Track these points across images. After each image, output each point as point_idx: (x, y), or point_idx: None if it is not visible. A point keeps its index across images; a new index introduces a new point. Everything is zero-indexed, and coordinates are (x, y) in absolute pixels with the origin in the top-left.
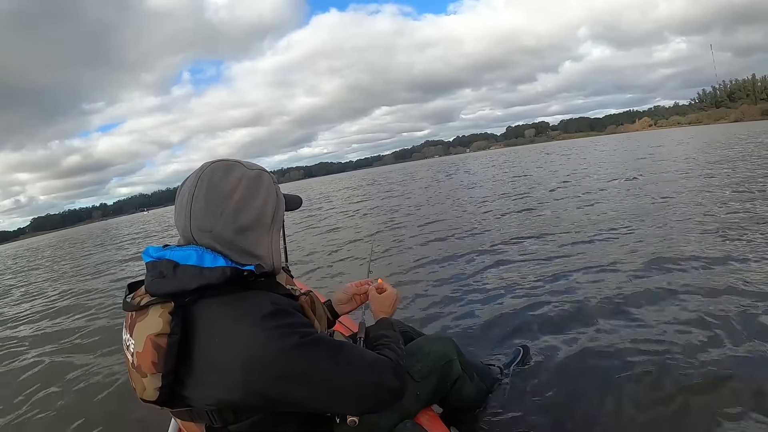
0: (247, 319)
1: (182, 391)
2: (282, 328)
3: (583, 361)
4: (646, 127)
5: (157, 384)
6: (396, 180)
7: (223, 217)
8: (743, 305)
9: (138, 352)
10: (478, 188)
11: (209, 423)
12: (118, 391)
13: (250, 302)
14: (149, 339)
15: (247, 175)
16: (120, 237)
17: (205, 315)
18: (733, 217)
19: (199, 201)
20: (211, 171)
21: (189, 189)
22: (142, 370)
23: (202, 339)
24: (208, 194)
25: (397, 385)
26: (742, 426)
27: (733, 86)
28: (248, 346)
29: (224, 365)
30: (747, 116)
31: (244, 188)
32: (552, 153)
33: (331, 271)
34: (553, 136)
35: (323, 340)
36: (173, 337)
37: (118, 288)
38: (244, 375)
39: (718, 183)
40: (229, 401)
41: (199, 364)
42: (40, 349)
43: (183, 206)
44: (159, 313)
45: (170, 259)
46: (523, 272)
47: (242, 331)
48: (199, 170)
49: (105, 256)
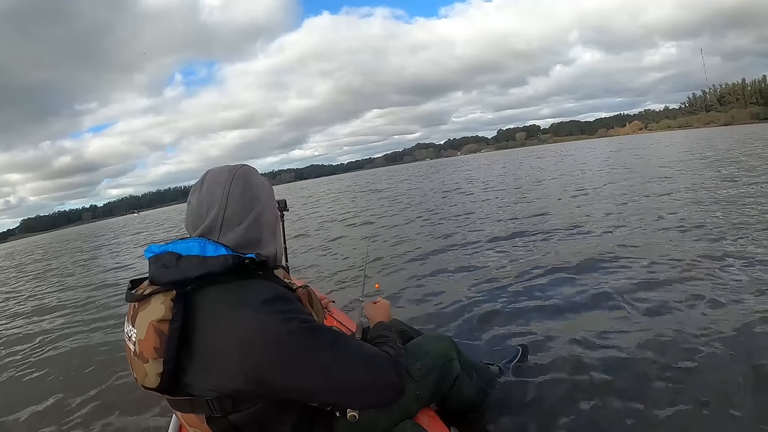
0: (248, 304)
1: (183, 378)
2: (282, 313)
3: (583, 360)
4: (636, 131)
5: (158, 369)
6: (393, 181)
7: (254, 212)
8: (745, 306)
9: (140, 339)
10: (476, 189)
11: (209, 413)
12: (119, 388)
13: (251, 289)
14: (151, 325)
15: (263, 179)
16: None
17: (207, 302)
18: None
19: (234, 196)
20: (244, 172)
21: (222, 184)
22: (144, 355)
23: (203, 325)
24: (244, 192)
25: (396, 381)
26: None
27: (723, 90)
28: (248, 330)
29: (224, 349)
30: (737, 120)
31: (268, 189)
32: (544, 156)
33: (327, 273)
34: (544, 139)
35: (322, 329)
36: (175, 323)
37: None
38: (243, 359)
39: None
40: (228, 387)
41: (200, 350)
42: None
43: (214, 199)
44: (161, 300)
45: (173, 252)
46: (523, 272)
47: (242, 316)
48: (232, 170)
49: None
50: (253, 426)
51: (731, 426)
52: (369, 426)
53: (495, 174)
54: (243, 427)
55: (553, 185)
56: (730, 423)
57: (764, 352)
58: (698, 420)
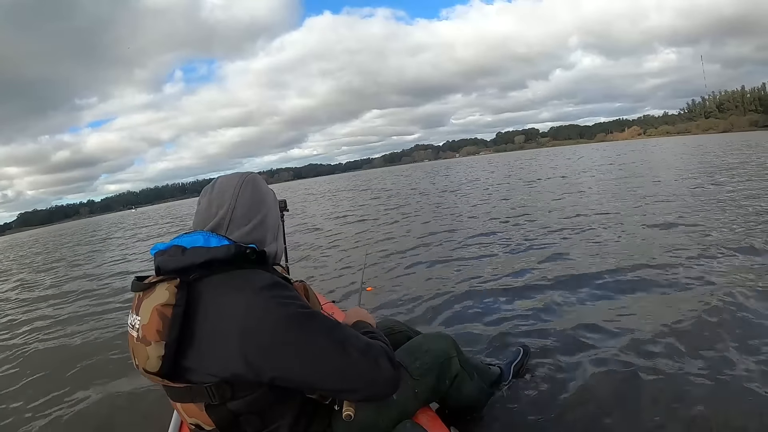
0: (248, 290)
1: (184, 362)
2: (281, 298)
3: (583, 360)
4: (635, 136)
5: (160, 352)
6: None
7: (260, 214)
8: (746, 308)
9: (144, 324)
10: (475, 190)
11: (208, 400)
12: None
13: (251, 276)
14: (155, 309)
15: (269, 187)
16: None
17: (209, 289)
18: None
19: (243, 198)
20: (253, 179)
21: (232, 187)
22: (147, 339)
23: (205, 310)
24: (253, 196)
25: (391, 371)
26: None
27: (723, 97)
28: (247, 314)
29: (224, 332)
30: (736, 127)
31: (273, 195)
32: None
33: (325, 275)
34: (543, 142)
35: (320, 316)
36: (178, 308)
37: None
38: (242, 341)
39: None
40: (227, 371)
41: (201, 334)
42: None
43: (224, 200)
44: (166, 287)
45: (178, 245)
46: (524, 272)
47: (242, 300)
48: (242, 175)
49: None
50: (253, 416)
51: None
52: (368, 425)
53: (500, 175)
54: (242, 417)
55: (554, 185)
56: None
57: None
58: (700, 419)
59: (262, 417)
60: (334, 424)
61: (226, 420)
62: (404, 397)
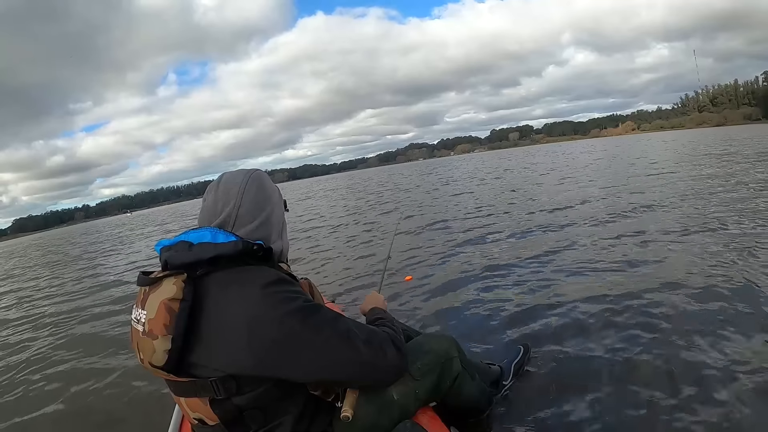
0: (253, 285)
1: (189, 357)
2: (286, 293)
3: (584, 360)
4: (629, 131)
5: (166, 346)
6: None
7: (265, 212)
8: (755, 306)
9: (150, 318)
10: (475, 189)
11: (213, 395)
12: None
13: (257, 272)
14: (162, 303)
15: (274, 184)
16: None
17: (215, 285)
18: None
19: (249, 195)
20: (258, 176)
21: (238, 184)
22: (154, 332)
23: (212, 306)
24: (258, 193)
25: (397, 357)
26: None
27: (716, 91)
28: (253, 309)
29: (231, 327)
30: (729, 121)
31: (278, 193)
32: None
33: (328, 277)
34: (537, 139)
35: (324, 308)
36: (185, 303)
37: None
38: (249, 335)
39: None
40: (234, 366)
41: (207, 329)
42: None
43: (230, 197)
44: (173, 282)
45: (185, 241)
46: (524, 272)
47: (248, 295)
48: (248, 172)
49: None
50: (257, 411)
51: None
52: (369, 425)
53: (496, 173)
54: (246, 412)
55: (555, 185)
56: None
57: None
58: (705, 424)
59: (265, 413)
60: (335, 423)
61: (230, 415)
62: (405, 398)
